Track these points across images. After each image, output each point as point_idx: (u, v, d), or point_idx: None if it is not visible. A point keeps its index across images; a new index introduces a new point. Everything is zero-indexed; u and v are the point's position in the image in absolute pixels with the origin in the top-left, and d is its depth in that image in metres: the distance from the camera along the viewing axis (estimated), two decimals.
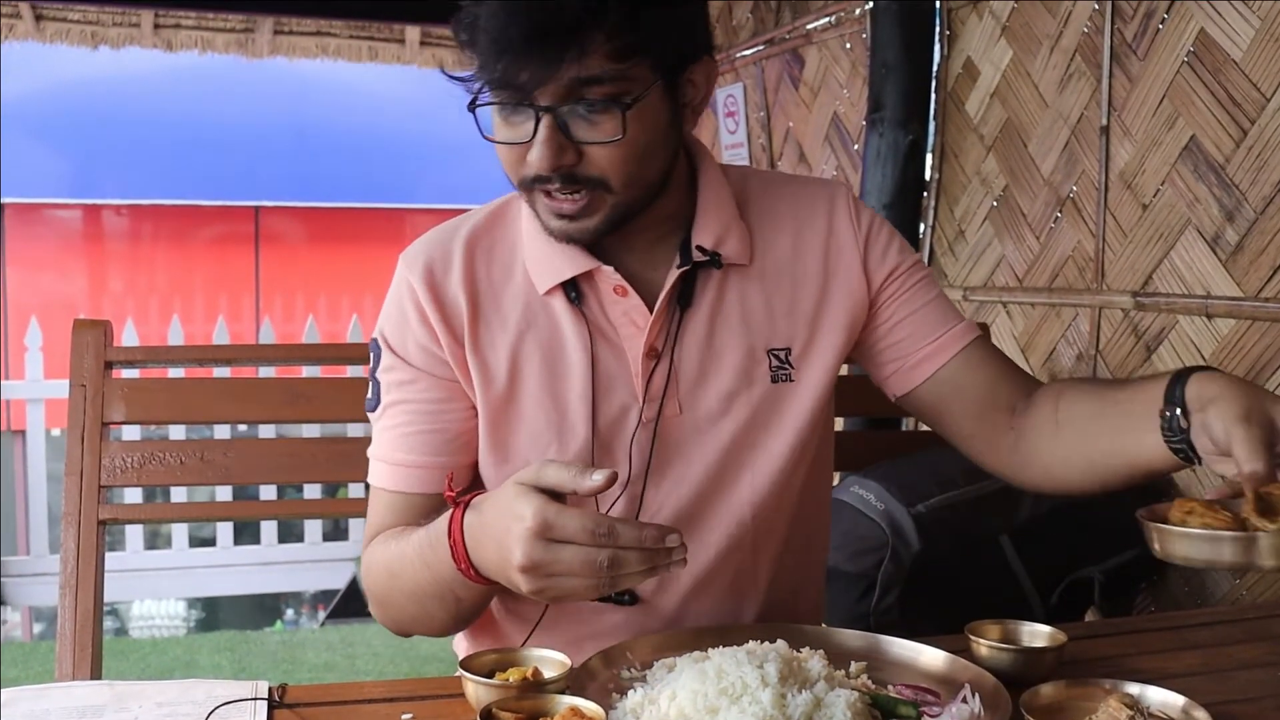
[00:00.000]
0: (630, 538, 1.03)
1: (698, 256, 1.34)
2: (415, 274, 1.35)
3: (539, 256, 1.34)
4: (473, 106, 1.21)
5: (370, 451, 1.39)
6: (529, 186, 1.25)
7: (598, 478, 1.04)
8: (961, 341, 1.43)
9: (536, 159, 1.20)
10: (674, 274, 1.33)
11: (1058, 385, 1.41)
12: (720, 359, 1.37)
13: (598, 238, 1.29)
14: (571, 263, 1.32)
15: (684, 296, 1.35)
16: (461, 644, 1.61)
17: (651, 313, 1.33)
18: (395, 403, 1.36)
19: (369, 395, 1.39)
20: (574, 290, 1.33)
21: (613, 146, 1.21)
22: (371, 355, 1.39)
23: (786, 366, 1.39)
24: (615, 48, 1.16)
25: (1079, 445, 1.33)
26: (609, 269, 1.32)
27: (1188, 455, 1.17)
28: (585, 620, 1.39)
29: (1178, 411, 1.16)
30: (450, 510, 1.17)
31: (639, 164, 1.24)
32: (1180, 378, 1.17)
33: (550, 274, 1.33)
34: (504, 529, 1.07)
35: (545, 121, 1.19)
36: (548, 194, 1.25)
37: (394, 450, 1.36)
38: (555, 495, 1.07)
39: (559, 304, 1.34)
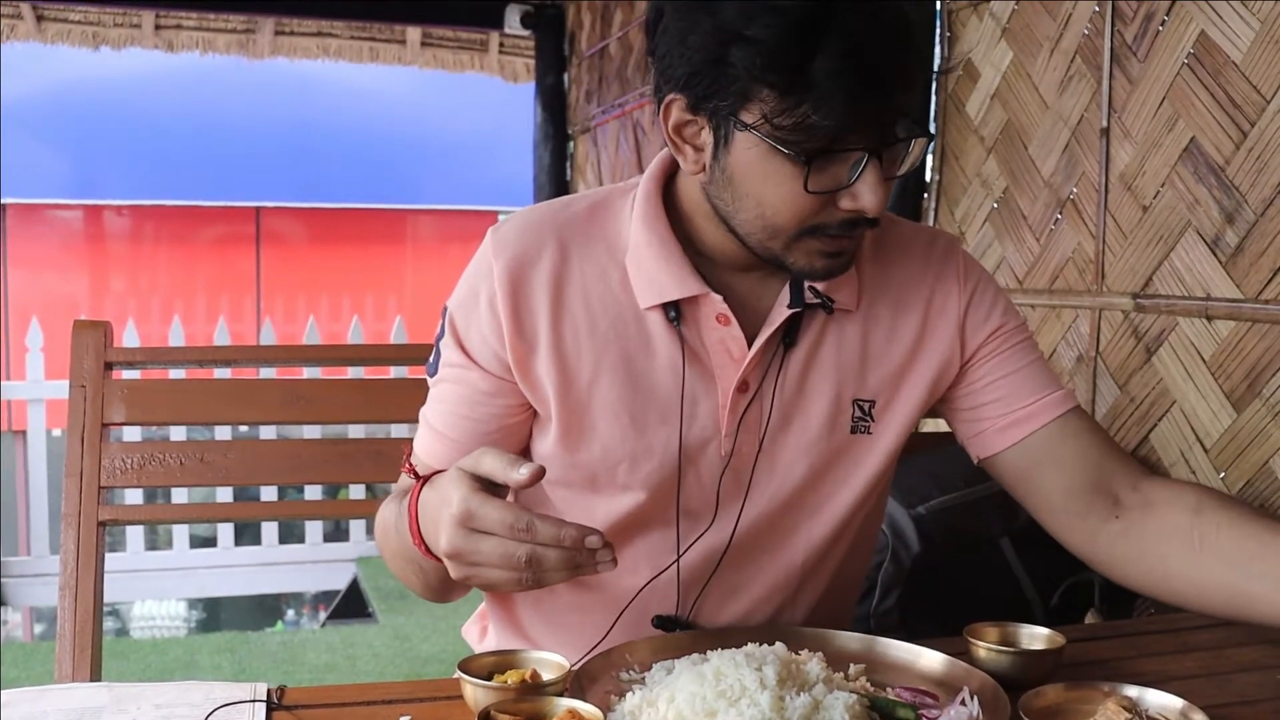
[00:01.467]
0: (548, 535, 1.01)
1: (810, 298, 1.29)
2: (500, 261, 1.29)
3: (646, 270, 1.28)
4: (812, 159, 1.11)
5: (423, 411, 1.39)
6: (806, 235, 1.18)
7: (524, 471, 1.02)
8: (1059, 409, 1.36)
9: (874, 202, 1.13)
10: (783, 312, 1.29)
11: (1191, 492, 1.31)
12: (808, 404, 1.33)
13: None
14: (680, 284, 1.26)
15: (788, 335, 1.31)
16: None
17: (750, 346, 1.29)
18: (445, 379, 1.36)
19: (430, 359, 1.39)
20: (674, 310, 1.28)
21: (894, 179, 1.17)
22: (441, 321, 1.37)
23: (868, 419, 1.35)
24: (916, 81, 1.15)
25: (1226, 577, 1.24)
26: (716, 296, 1.27)
27: None
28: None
29: None
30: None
31: None
32: None
33: (655, 291, 1.28)
34: (437, 512, 1.08)
35: (875, 163, 1.13)
36: (828, 236, 1.18)
37: (436, 421, 1.36)
38: (493, 485, 1.06)
39: (655, 320, 1.29)
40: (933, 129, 3.02)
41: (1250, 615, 1.23)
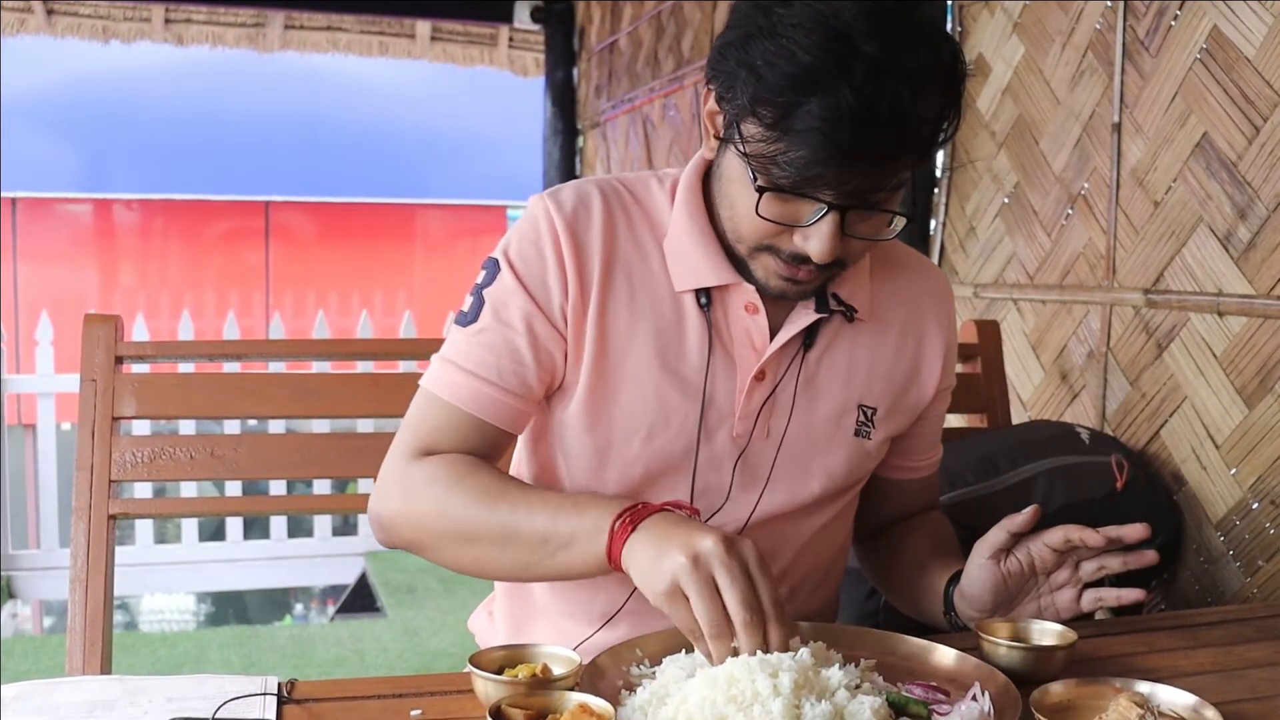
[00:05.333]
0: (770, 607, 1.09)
1: (834, 306, 1.37)
2: (561, 219, 1.34)
3: (683, 256, 1.35)
4: (763, 190, 1.19)
5: (445, 355, 1.36)
6: (764, 250, 1.27)
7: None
8: (933, 469, 1.60)
9: (817, 250, 1.21)
10: (808, 316, 1.35)
11: (908, 527, 1.59)
12: (818, 401, 1.40)
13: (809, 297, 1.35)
14: (715, 272, 1.33)
15: (808, 337, 1.38)
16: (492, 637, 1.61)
17: (771, 338, 1.35)
18: (500, 324, 1.33)
19: (465, 309, 1.36)
20: (705, 296, 1.35)
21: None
22: (484, 271, 1.36)
23: (869, 425, 1.43)
24: (915, 162, 1.20)
25: (894, 586, 1.58)
26: (749, 286, 1.33)
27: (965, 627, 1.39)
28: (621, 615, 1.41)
29: (954, 614, 1.41)
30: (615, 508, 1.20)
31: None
32: (948, 586, 1.41)
33: (692, 276, 1.34)
34: (709, 532, 1.12)
35: (833, 218, 1.19)
36: (783, 262, 1.26)
37: (481, 368, 1.33)
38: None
39: (688, 303, 1.36)
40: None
41: (914, 611, 1.53)
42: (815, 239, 1.21)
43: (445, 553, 1.33)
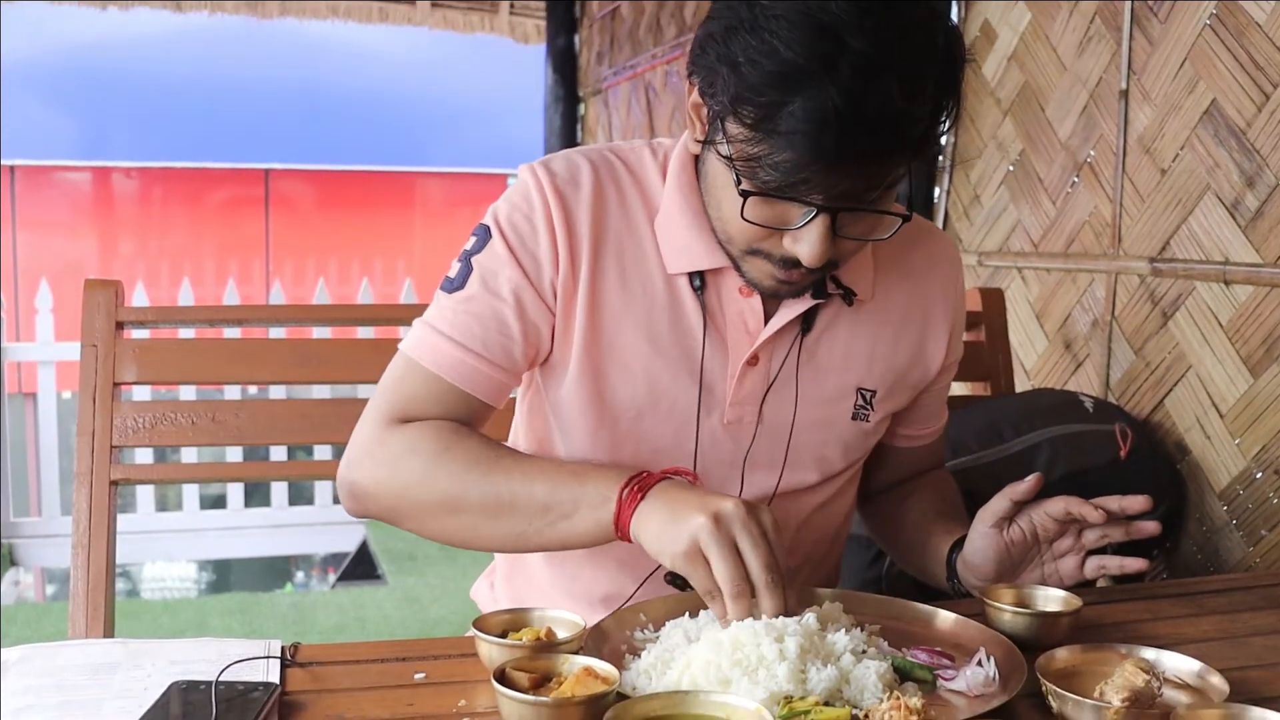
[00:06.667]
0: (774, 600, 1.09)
1: (833, 289, 1.33)
2: (552, 190, 1.30)
3: (676, 237, 1.31)
4: (748, 194, 1.14)
5: (429, 321, 1.32)
6: (754, 254, 1.23)
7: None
8: (937, 435, 1.59)
9: (807, 254, 1.16)
10: (805, 300, 1.31)
11: (913, 488, 1.58)
12: (814, 385, 1.37)
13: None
14: (710, 255, 1.29)
15: (805, 322, 1.34)
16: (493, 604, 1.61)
17: (765, 321, 1.32)
18: (488, 294, 1.30)
19: (452, 274, 1.32)
20: (699, 279, 1.31)
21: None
22: (474, 238, 1.33)
23: (867, 408, 1.41)
24: (909, 160, 1.15)
25: (900, 549, 1.58)
26: None
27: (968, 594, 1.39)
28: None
29: (957, 581, 1.41)
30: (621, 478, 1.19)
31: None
32: (951, 552, 1.42)
33: (685, 259, 1.31)
34: (726, 496, 1.13)
35: (823, 220, 1.14)
36: (773, 264, 1.22)
37: (466, 337, 1.30)
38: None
39: (681, 286, 1.32)
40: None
41: (916, 572, 1.55)
42: (805, 243, 1.16)
43: (427, 522, 1.30)
